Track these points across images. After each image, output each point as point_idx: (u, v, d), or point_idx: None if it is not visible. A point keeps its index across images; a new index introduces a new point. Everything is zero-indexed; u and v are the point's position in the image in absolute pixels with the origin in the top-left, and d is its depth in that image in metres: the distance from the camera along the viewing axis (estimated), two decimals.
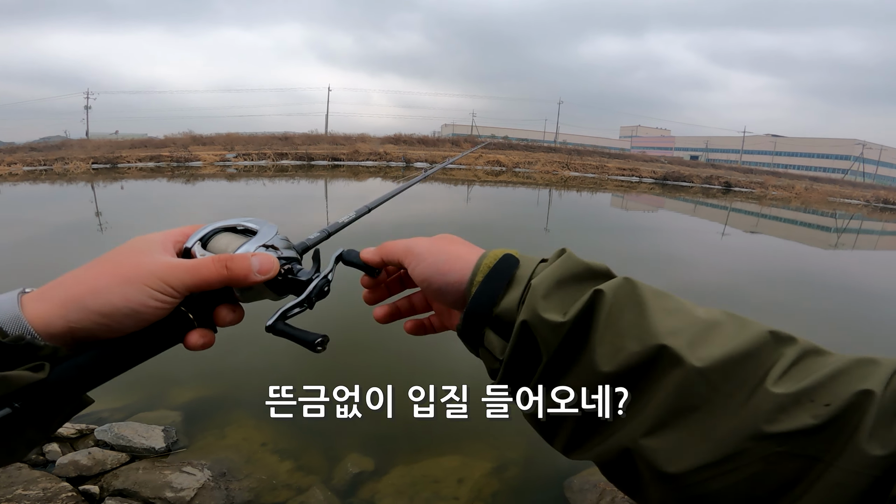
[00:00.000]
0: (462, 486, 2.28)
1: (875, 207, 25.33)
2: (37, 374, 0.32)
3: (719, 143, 69.12)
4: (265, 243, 0.43)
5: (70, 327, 0.35)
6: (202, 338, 0.40)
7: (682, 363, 0.33)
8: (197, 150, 20.93)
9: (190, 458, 2.41)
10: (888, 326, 5.55)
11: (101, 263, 0.38)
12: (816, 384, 0.31)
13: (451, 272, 0.43)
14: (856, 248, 12.73)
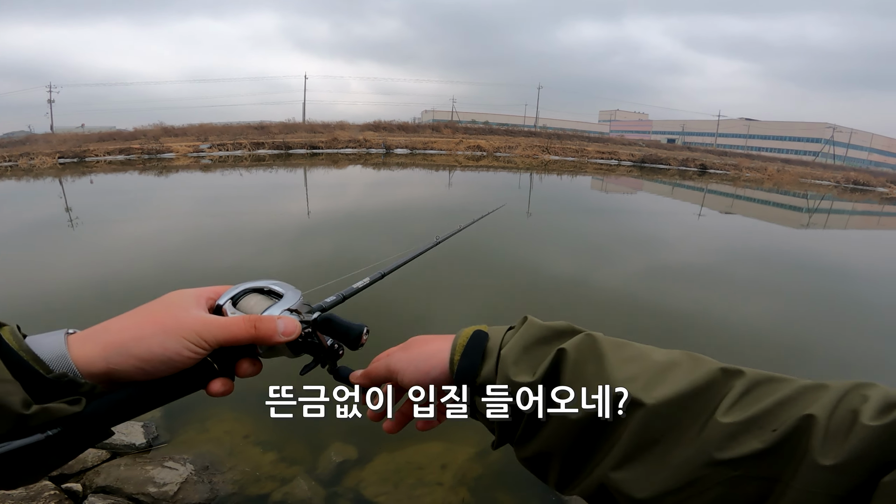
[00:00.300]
0: (445, 472, 2.32)
1: (845, 188, 26.16)
2: (73, 406, 0.36)
3: (695, 126, 70.08)
4: (290, 307, 0.47)
5: (109, 368, 0.39)
6: (223, 386, 0.45)
7: (640, 405, 0.37)
8: (169, 141, 20.29)
9: (172, 452, 2.39)
10: (857, 303, 5.78)
11: (143, 314, 0.43)
12: (764, 412, 0.34)
13: (433, 368, 0.47)
14: (827, 228, 13.16)
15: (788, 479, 0.31)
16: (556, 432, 0.41)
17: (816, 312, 5.22)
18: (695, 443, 0.35)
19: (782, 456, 0.32)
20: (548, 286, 5.15)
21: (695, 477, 0.34)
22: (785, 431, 0.32)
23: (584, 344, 0.43)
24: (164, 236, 6.84)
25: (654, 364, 0.40)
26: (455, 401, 0.47)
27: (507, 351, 0.44)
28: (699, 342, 4.05)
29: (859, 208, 19.54)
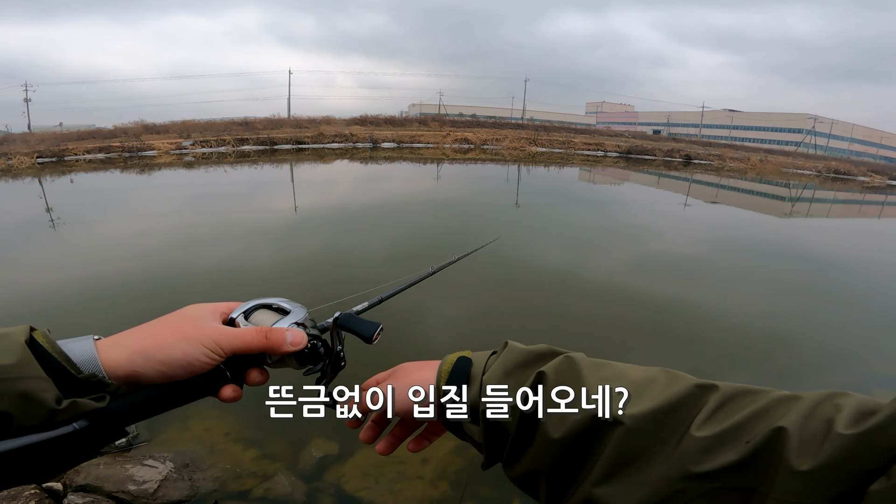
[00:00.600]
0: (426, 466, 2.34)
1: (826, 177, 26.61)
2: (98, 403, 0.40)
3: (680, 117, 70.67)
4: (297, 321, 0.51)
5: (133, 371, 0.43)
6: (233, 392, 0.49)
7: (617, 423, 0.39)
8: (150, 139, 19.91)
9: (152, 451, 2.38)
10: (840, 290, 5.92)
11: (166, 324, 0.47)
12: (738, 424, 0.35)
13: (424, 399, 0.50)
14: (809, 217, 13.40)
15: (766, 490, 0.32)
16: (540, 452, 0.42)
17: (800, 300, 5.34)
18: (672, 457, 0.36)
19: (758, 467, 0.33)
20: (537, 278, 5.19)
21: (674, 490, 0.35)
22: (758, 443, 0.33)
23: (563, 366, 0.44)
24: (147, 235, 6.75)
25: (631, 383, 0.41)
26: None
27: (489, 377, 0.47)
28: (685, 332, 4.13)
29: (841, 197, 19.91)
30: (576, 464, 0.41)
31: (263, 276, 4.82)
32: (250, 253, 5.75)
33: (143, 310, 2.93)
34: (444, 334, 3.73)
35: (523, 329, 3.92)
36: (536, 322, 4.12)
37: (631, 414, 0.38)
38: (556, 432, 0.41)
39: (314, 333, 0.53)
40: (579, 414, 0.40)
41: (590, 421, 0.40)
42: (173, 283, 4.58)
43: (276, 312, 0.53)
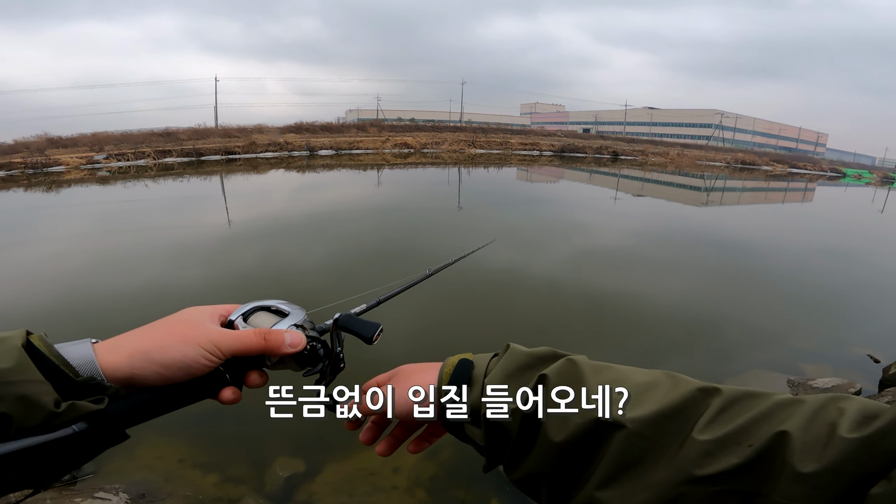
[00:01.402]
0: (399, 475, 2.32)
1: (735, 168, 29.37)
2: (97, 405, 0.40)
3: (606, 116, 74.93)
4: (296, 323, 0.52)
5: (132, 373, 0.43)
6: (233, 394, 0.49)
7: (619, 426, 0.39)
8: (57, 153, 18.07)
9: (101, 483, 2.20)
10: (755, 272, 6.53)
11: (164, 326, 0.47)
12: (740, 428, 0.35)
13: (424, 399, 0.50)
14: (722, 205, 14.71)
15: (768, 493, 0.32)
16: (542, 455, 0.43)
17: (722, 284, 5.82)
18: (674, 461, 0.36)
19: (760, 470, 0.33)
20: (478, 277, 5.30)
21: (676, 494, 0.35)
22: (760, 447, 0.33)
23: (565, 369, 0.45)
24: (57, 259, 6.13)
25: (633, 386, 0.41)
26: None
27: (491, 379, 0.47)
28: (623, 322, 4.39)
29: (749, 185, 22.03)
30: (577, 467, 0.41)
31: (186, 277, 4.56)
32: (180, 269, 5.40)
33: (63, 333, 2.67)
34: (397, 347, 3.73)
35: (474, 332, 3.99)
36: (482, 322, 4.21)
37: (633, 417, 0.39)
38: (558, 435, 0.41)
39: (313, 335, 0.53)
40: (581, 417, 0.41)
41: (592, 424, 0.40)
42: (87, 306, 4.20)
43: (275, 315, 0.53)
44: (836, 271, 6.79)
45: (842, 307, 5.25)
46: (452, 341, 3.67)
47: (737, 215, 12.94)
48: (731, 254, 7.49)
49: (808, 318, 4.79)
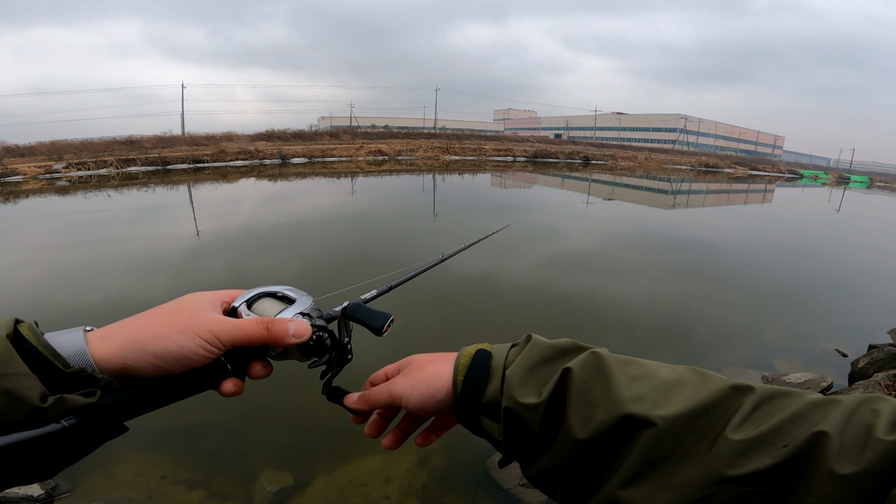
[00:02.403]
0: (390, 485, 2.28)
1: (699, 171, 30.48)
2: (88, 398, 0.38)
3: (577, 121, 76.65)
4: (302, 311, 0.49)
5: (126, 365, 0.41)
6: (234, 386, 0.46)
7: (648, 424, 0.37)
8: (14, 162, 17.21)
9: (78, 501, 2.10)
10: (721, 272, 6.76)
11: (160, 314, 0.44)
12: (774, 428, 0.34)
13: (438, 391, 0.48)
14: (689, 207, 15.22)
15: (802, 493, 0.32)
16: (563, 452, 0.41)
17: (690, 284, 6.01)
18: (704, 460, 0.35)
19: (794, 471, 0.32)
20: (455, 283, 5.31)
21: (704, 494, 0.34)
22: (796, 447, 0.33)
23: (590, 363, 0.43)
24: (13, 272, 5.81)
25: (661, 382, 0.40)
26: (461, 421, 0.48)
27: (512, 371, 0.45)
28: (595, 323, 4.46)
29: (713, 187, 22.87)
30: (600, 465, 0.40)
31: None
32: (147, 282, 5.20)
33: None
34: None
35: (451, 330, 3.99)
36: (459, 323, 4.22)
37: (663, 415, 0.37)
38: (582, 432, 0.40)
39: (320, 324, 0.50)
40: (607, 413, 0.39)
41: (618, 421, 0.39)
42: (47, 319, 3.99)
43: (281, 301, 0.50)
44: (799, 269, 7.10)
45: (807, 304, 5.49)
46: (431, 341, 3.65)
47: (703, 217, 13.41)
48: (699, 254, 7.74)
49: (776, 315, 4.98)
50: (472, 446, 2.56)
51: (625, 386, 0.40)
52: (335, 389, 0.55)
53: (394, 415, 0.55)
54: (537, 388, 0.43)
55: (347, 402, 0.54)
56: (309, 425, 2.71)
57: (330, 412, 2.65)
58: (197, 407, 2.81)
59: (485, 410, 0.46)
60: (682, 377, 0.41)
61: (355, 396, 0.53)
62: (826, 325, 4.77)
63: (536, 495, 2.25)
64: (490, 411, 0.45)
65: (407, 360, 0.53)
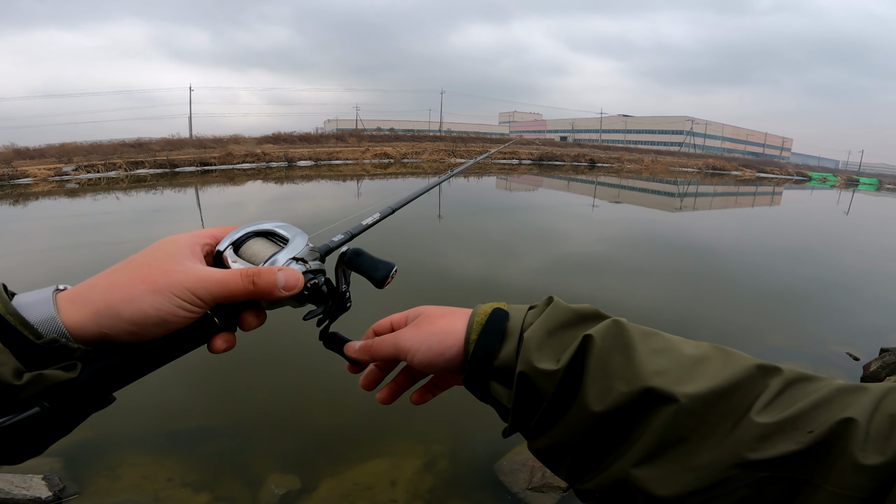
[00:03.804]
0: (397, 488, 2.27)
1: (706, 174, 30.32)
2: (68, 373, 0.34)
3: (583, 124, 76.62)
4: (295, 255, 0.44)
5: (102, 333, 0.36)
6: (225, 342, 0.42)
7: (669, 400, 0.35)
8: (24, 164, 17.43)
9: None
10: (727, 274, 6.71)
11: (132, 269, 0.38)
12: (800, 412, 0.33)
13: (449, 349, 0.45)
14: (696, 209, 15.12)
15: (820, 481, 0.31)
16: (576, 425, 0.39)
17: (695, 286, 5.97)
18: (725, 442, 0.34)
19: (816, 458, 0.31)
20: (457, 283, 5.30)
21: (723, 477, 0.33)
22: (822, 433, 0.31)
23: (611, 331, 0.40)
24: (21, 273, 5.87)
25: (684, 357, 0.38)
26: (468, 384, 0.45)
27: (531, 334, 0.42)
28: None
29: (720, 190, 22.73)
30: (613, 440, 0.38)
31: None
32: None
33: None
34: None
35: None
36: None
37: (686, 392, 0.35)
38: (599, 404, 0.37)
39: (315, 268, 0.45)
40: (627, 386, 0.37)
41: (638, 395, 0.36)
42: None
43: (273, 241, 0.45)
44: (809, 272, 7.03)
45: (817, 307, 5.43)
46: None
47: (710, 219, 13.32)
48: (706, 257, 7.69)
49: (786, 318, 4.93)
50: (479, 450, 2.55)
51: (647, 358, 0.38)
52: (333, 336, 0.51)
53: (392, 367, 0.52)
54: (555, 354, 0.40)
55: (348, 351, 0.50)
56: (315, 428, 2.71)
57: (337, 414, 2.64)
58: (204, 409, 2.82)
59: (496, 374, 0.43)
60: (705, 353, 0.39)
61: (357, 345, 0.50)
62: (836, 329, 4.71)
63: (545, 499, 2.23)
64: (502, 375, 0.42)
65: (416, 310, 0.50)
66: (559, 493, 2.25)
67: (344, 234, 0.54)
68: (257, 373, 3.19)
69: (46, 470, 2.26)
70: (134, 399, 2.87)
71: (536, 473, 2.32)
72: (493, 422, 2.06)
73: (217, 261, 0.43)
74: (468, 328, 0.44)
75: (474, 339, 0.43)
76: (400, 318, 0.51)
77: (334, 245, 0.50)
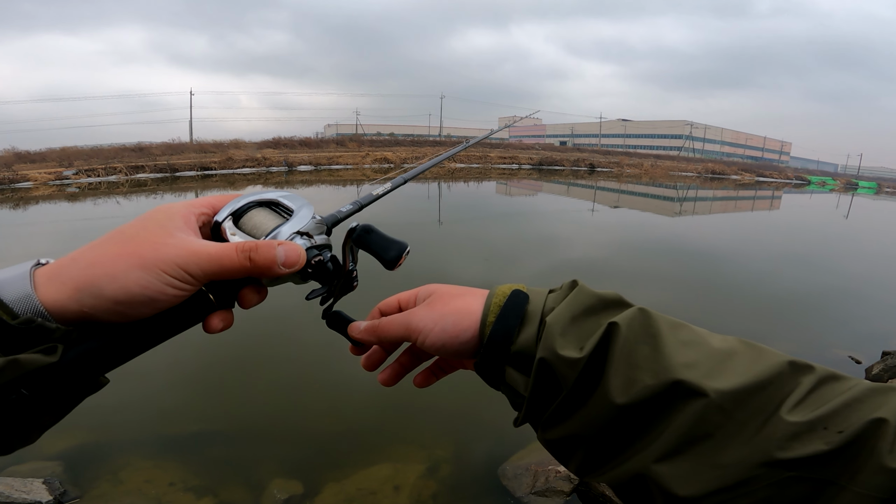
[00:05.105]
0: (400, 494, 2.26)
1: (706, 178, 30.41)
2: (49, 357, 0.31)
3: (582, 128, 76.92)
4: (299, 229, 0.40)
5: (84, 312, 0.33)
6: (222, 321, 0.39)
7: (698, 395, 0.34)
8: (24, 168, 17.47)
9: None
10: (728, 279, 6.71)
11: (118, 242, 0.35)
12: (831, 412, 0.32)
13: (464, 331, 0.42)
14: (695, 214, 15.15)
15: (846, 482, 0.30)
16: (595, 416, 0.37)
17: (697, 291, 5.96)
18: (754, 441, 0.32)
19: (844, 458, 0.30)
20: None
21: (748, 476, 0.32)
22: (852, 434, 0.30)
23: (637, 320, 0.38)
24: None
25: (713, 351, 0.36)
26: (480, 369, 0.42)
27: (554, 318, 0.39)
28: None
29: (720, 195, 22.78)
30: (633, 434, 0.36)
31: None
32: None
33: None
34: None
35: None
36: None
37: (717, 388, 0.34)
38: (622, 396, 0.35)
39: (321, 243, 0.42)
40: (653, 378, 0.35)
41: (665, 387, 0.35)
42: None
43: (277, 213, 0.42)
44: (809, 276, 7.04)
45: (818, 310, 5.44)
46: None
47: (710, 224, 13.34)
48: (707, 261, 7.69)
49: (786, 322, 4.93)
50: (482, 455, 2.54)
51: (676, 350, 0.36)
52: (337, 315, 0.48)
53: (395, 348, 0.49)
54: (578, 342, 0.38)
55: (352, 332, 0.47)
56: (318, 433, 2.70)
57: (340, 419, 2.63)
58: (206, 414, 2.82)
59: (513, 360, 0.40)
60: (733, 348, 0.37)
61: (362, 325, 0.47)
62: (838, 332, 4.71)
63: (549, 503, 2.22)
64: (519, 361, 0.40)
65: (427, 288, 0.47)
66: (563, 498, 2.24)
67: (353, 203, 0.50)
68: (260, 377, 3.19)
69: (47, 474, 2.25)
70: (136, 402, 2.86)
71: (540, 478, 2.31)
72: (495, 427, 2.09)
73: (215, 233, 0.40)
74: (485, 309, 0.42)
75: (491, 321, 0.41)
76: (409, 297, 0.48)
77: (342, 216, 0.47)
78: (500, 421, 2.76)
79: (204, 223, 0.40)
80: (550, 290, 0.43)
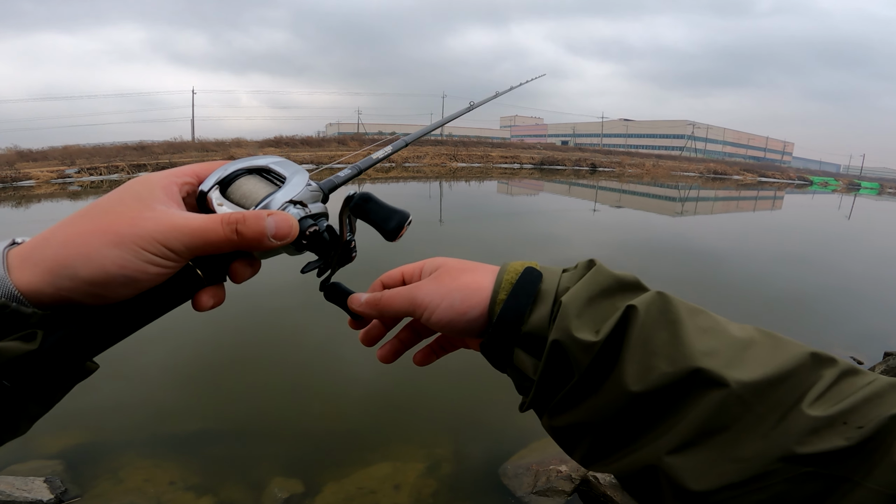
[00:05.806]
0: (401, 493, 2.26)
1: (707, 178, 30.37)
2: (28, 344, 0.29)
3: (584, 128, 76.88)
4: (292, 198, 0.37)
5: (61, 295, 0.30)
6: (212, 298, 0.36)
7: (718, 385, 0.32)
8: (27, 167, 17.52)
9: None
10: (732, 279, 6.70)
11: (91, 218, 0.32)
12: (851, 407, 0.31)
13: (473, 308, 0.40)
14: (697, 214, 15.13)
15: (860, 479, 0.29)
16: (607, 403, 0.35)
17: (699, 290, 5.95)
18: (772, 434, 0.31)
19: (861, 455, 0.29)
20: None
21: (764, 471, 0.30)
22: (871, 430, 0.30)
23: (656, 304, 0.36)
24: None
25: (733, 339, 0.35)
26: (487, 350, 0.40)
27: (570, 299, 0.37)
28: None
29: (721, 195, 22.74)
30: (646, 423, 0.34)
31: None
32: None
33: None
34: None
35: None
36: None
37: (738, 378, 0.32)
38: (637, 383, 0.34)
39: (317, 212, 0.39)
40: (671, 366, 0.33)
41: (683, 376, 0.33)
42: None
43: (268, 180, 0.39)
44: (811, 276, 7.02)
45: (819, 311, 5.42)
46: None
47: (712, 224, 13.32)
48: (709, 261, 7.68)
49: (787, 323, 4.92)
50: (482, 454, 2.54)
51: (696, 337, 0.34)
52: (335, 287, 0.45)
53: (395, 324, 0.47)
54: (594, 325, 0.36)
55: (352, 304, 0.44)
56: (319, 432, 2.70)
57: (340, 418, 2.64)
58: (206, 412, 2.82)
59: (522, 341, 0.38)
60: (752, 337, 0.36)
61: (363, 298, 0.44)
62: (840, 333, 4.70)
63: (550, 503, 2.22)
64: (529, 343, 0.38)
65: (434, 261, 0.44)
66: (564, 498, 2.24)
67: (351, 167, 0.48)
68: (260, 376, 3.19)
69: (48, 472, 2.26)
70: (136, 402, 2.87)
71: (541, 477, 2.31)
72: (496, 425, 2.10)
73: (201, 203, 0.37)
74: (496, 286, 0.39)
75: (502, 299, 0.39)
76: (413, 270, 0.45)
77: (340, 181, 0.44)
78: (500, 420, 2.76)
79: (188, 193, 0.37)
80: (564, 270, 0.41)
